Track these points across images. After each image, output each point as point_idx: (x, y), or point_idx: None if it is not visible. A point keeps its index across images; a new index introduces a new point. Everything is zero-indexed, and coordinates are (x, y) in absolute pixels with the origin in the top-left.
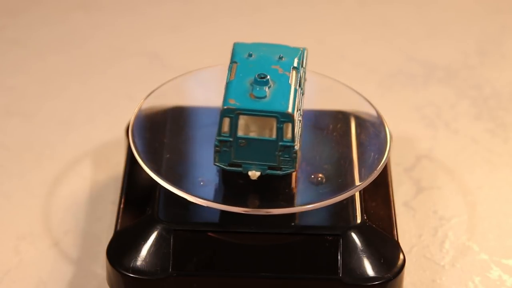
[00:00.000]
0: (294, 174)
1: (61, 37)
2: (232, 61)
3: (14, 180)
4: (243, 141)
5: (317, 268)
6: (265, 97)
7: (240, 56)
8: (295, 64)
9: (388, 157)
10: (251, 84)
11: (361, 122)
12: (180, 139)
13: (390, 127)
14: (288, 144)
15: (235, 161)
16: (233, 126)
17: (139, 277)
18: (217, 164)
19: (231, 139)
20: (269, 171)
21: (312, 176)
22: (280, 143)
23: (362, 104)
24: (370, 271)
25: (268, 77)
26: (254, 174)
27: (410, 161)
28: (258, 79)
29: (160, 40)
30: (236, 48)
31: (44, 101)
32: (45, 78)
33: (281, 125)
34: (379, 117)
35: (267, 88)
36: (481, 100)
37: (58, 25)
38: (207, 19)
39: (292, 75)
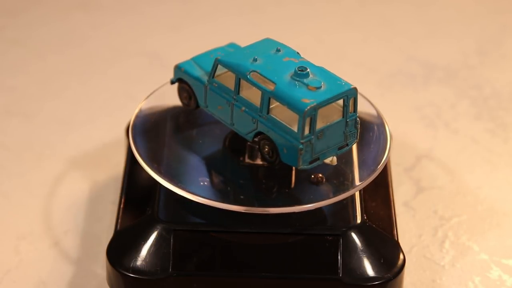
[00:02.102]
0: (294, 174)
1: (61, 37)
2: (246, 72)
3: (14, 180)
4: (321, 133)
5: (317, 268)
6: (322, 85)
7: (247, 64)
8: (296, 51)
9: (388, 157)
10: (295, 81)
11: (361, 121)
12: (180, 139)
13: (390, 127)
14: (353, 117)
15: (315, 156)
16: (313, 123)
17: (139, 277)
18: (301, 167)
19: (312, 137)
20: (338, 151)
21: (312, 176)
22: (347, 120)
23: (362, 104)
24: (370, 271)
25: (308, 68)
26: (333, 159)
27: (410, 161)
28: (299, 72)
29: (160, 40)
30: (229, 61)
31: (44, 101)
32: (45, 78)
33: (348, 103)
34: (379, 117)
35: (313, 76)
36: (481, 100)
37: (58, 25)
38: (207, 18)
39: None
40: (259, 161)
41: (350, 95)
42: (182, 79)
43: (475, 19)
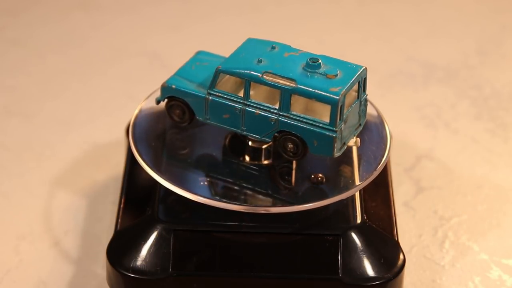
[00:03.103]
0: (294, 174)
1: (61, 37)
2: (259, 75)
3: (14, 180)
4: (346, 118)
5: (317, 268)
6: (338, 72)
7: (255, 67)
8: (288, 44)
9: (388, 157)
10: (311, 73)
11: None
12: (180, 139)
13: (390, 127)
14: (364, 96)
15: (343, 141)
16: (342, 110)
17: (139, 277)
18: (336, 155)
19: (343, 124)
20: (355, 132)
21: (312, 176)
22: (361, 100)
23: None
24: (370, 271)
25: (319, 59)
26: (357, 141)
27: (410, 161)
28: (312, 64)
29: (160, 40)
30: (233, 68)
31: (44, 101)
32: (45, 78)
33: (362, 83)
34: (379, 117)
35: (325, 65)
36: (481, 100)
37: (58, 25)
38: (207, 18)
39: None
40: (259, 161)
41: (363, 75)
42: (173, 96)
43: (475, 19)
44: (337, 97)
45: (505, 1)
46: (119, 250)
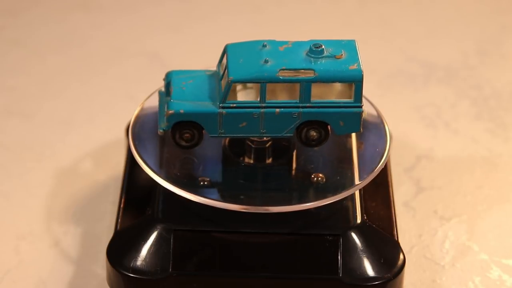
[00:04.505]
0: (294, 173)
1: (61, 37)
2: (275, 75)
3: (14, 180)
4: None
5: (317, 268)
6: (342, 51)
7: (268, 68)
8: (275, 39)
9: (388, 157)
10: (320, 59)
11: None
12: None
13: (390, 127)
14: None
15: None
16: (360, 91)
17: (139, 277)
18: (361, 129)
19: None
20: None
21: (312, 176)
22: None
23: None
24: (370, 271)
25: (321, 44)
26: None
27: (410, 161)
28: (315, 49)
29: (160, 40)
30: (246, 76)
31: (44, 101)
32: (45, 78)
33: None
34: (379, 117)
35: (327, 48)
36: (481, 100)
37: (58, 25)
38: (207, 18)
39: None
40: (258, 161)
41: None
42: (181, 121)
43: (475, 19)
44: (361, 73)
45: (505, 1)
46: (119, 250)
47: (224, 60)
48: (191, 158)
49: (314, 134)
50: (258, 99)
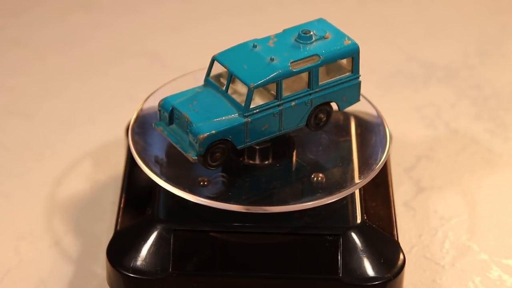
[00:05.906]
0: (293, 173)
1: (61, 37)
2: (288, 69)
3: (14, 180)
4: None
5: (317, 268)
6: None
7: (278, 66)
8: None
9: (387, 156)
10: (314, 42)
11: (361, 121)
12: None
13: (390, 127)
14: None
15: None
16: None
17: (139, 277)
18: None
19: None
20: None
21: (312, 176)
22: None
23: (362, 104)
24: (370, 271)
25: (309, 30)
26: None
27: (410, 161)
28: (304, 35)
29: (160, 40)
30: (262, 79)
31: (44, 101)
32: (45, 78)
33: None
34: (379, 117)
35: (315, 31)
36: (481, 100)
37: (58, 25)
38: (207, 19)
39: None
40: (258, 161)
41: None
42: (214, 141)
43: (475, 19)
44: (357, 46)
45: (505, 1)
46: (119, 250)
47: (220, 71)
48: None
49: (322, 116)
50: (275, 98)
